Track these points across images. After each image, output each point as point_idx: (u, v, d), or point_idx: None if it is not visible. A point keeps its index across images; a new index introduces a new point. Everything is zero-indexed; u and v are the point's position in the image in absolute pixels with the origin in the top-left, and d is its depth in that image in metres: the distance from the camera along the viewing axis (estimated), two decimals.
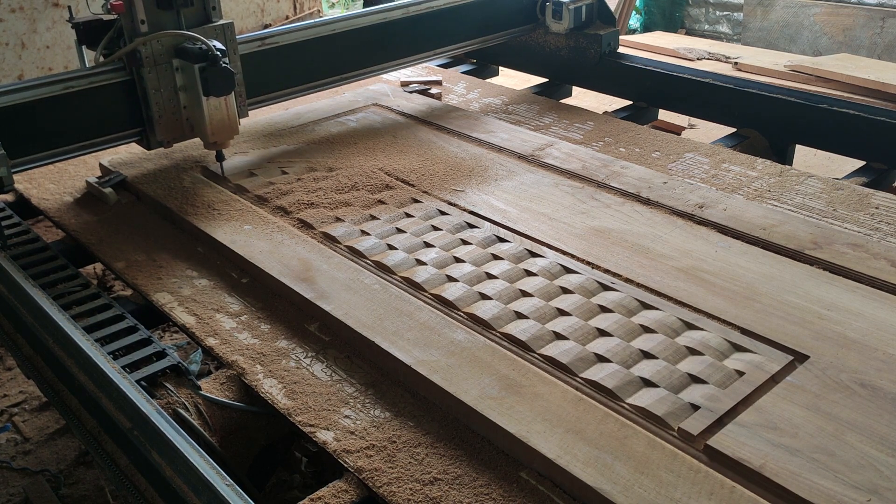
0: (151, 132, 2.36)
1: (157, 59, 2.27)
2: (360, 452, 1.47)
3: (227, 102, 2.32)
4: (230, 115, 2.34)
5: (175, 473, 1.33)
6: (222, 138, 2.36)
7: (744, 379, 1.54)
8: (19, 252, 2.15)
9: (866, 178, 2.52)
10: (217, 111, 2.31)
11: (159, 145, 2.39)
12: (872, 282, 1.84)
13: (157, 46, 2.26)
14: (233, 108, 2.34)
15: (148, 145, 2.40)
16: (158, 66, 2.28)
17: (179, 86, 2.32)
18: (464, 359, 1.63)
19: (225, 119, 2.33)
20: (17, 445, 2.84)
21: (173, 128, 2.37)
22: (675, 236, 2.06)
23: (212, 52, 2.20)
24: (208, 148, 2.41)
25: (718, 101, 2.90)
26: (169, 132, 2.37)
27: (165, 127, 2.36)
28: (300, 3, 5.90)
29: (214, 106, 2.30)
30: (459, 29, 3.11)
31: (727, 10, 7.06)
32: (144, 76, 2.27)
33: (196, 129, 2.37)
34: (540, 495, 1.37)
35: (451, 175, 2.44)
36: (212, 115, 2.30)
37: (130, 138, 2.39)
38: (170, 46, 2.28)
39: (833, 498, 1.28)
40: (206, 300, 1.95)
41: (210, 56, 2.20)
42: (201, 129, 2.33)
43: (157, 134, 2.36)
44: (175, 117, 2.36)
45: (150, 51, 2.26)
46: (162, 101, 2.32)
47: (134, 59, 2.26)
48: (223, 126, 2.34)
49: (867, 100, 4.12)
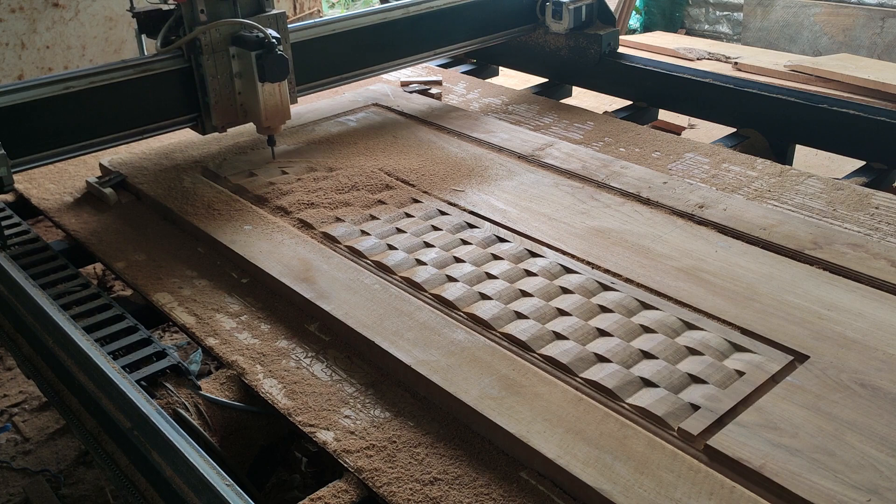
0: (207, 117, 2.46)
1: (216, 46, 2.38)
2: (360, 452, 1.47)
3: (281, 89, 2.41)
4: (283, 100, 2.43)
5: (175, 473, 1.32)
6: (275, 123, 2.45)
7: (744, 379, 1.54)
8: (19, 252, 2.15)
9: (866, 178, 2.52)
10: (271, 97, 2.40)
11: (214, 130, 2.49)
12: (872, 282, 1.84)
13: (215, 35, 2.36)
14: (286, 94, 2.43)
15: (203, 130, 2.50)
16: (216, 53, 2.38)
17: (235, 72, 2.42)
18: (464, 359, 1.63)
19: (278, 104, 2.42)
20: (17, 445, 2.84)
21: (228, 113, 2.47)
22: (675, 236, 2.06)
23: (268, 39, 2.29)
24: (261, 132, 2.49)
25: (718, 101, 2.89)
26: (224, 117, 2.47)
27: (221, 112, 2.45)
28: (300, 3, 5.90)
29: (269, 92, 2.39)
30: (459, 29, 3.11)
31: (727, 10, 7.06)
32: (203, 63, 2.37)
33: (250, 114, 2.46)
34: (540, 495, 1.37)
35: (451, 175, 2.44)
36: (266, 101, 2.39)
37: (185, 124, 2.49)
38: (227, 35, 2.38)
39: (833, 498, 1.28)
40: (206, 300, 1.95)
41: (267, 44, 2.29)
42: (255, 114, 2.42)
43: (214, 119, 2.45)
44: (230, 103, 2.45)
45: (209, 39, 2.35)
46: (219, 88, 2.42)
47: (193, 47, 2.35)
48: (276, 111, 2.43)
49: (867, 100, 4.12)
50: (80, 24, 4.77)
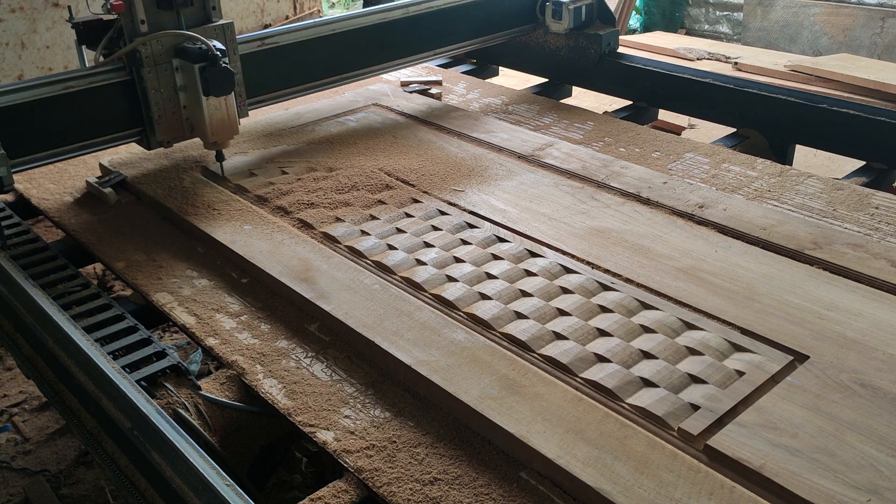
0: (151, 132, 2.36)
1: (157, 58, 2.27)
2: (360, 452, 1.47)
3: (227, 102, 2.32)
4: (230, 114, 2.34)
5: (175, 473, 1.33)
6: (222, 138, 2.36)
7: (744, 379, 1.54)
8: (19, 252, 2.15)
9: (866, 178, 2.52)
10: (217, 111, 2.31)
11: (159, 145, 2.39)
12: (872, 282, 1.84)
13: (156, 46, 2.26)
14: (233, 108, 2.34)
15: (148, 145, 2.40)
16: (158, 65, 2.28)
17: (179, 85, 2.32)
18: (464, 359, 1.63)
19: (225, 119, 2.33)
20: (17, 445, 2.84)
21: (173, 128, 2.37)
22: (675, 236, 2.06)
23: (212, 51, 2.20)
24: (208, 148, 2.41)
25: (718, 101, 2.89)
26: (169, 132, 2.37)
27: (165, 127, 2.35)
28: (300, 3, 5.90)
29: (214, 106, 2.30)
30: (459, 29, 3.11)
31: (727, 10, 7.06)
32: (144, 76, 2.27)
33: (196, 129, 2.37)
34: (540, 495, 1.37)
35: (451, 175, 2.44)
36: (212, 115, 2.30)
37: (130, 138, 2.39)
38: (169, 46, 2.28)
39: (833, 498, 1.28)
40: (206, 300, 1.95)
41: (210, 56, 2.20)
42: (201, 129, 2.33)
43: (158, 134, 2.35)
44: (175, 117, 2.36)
45: (149, 51, 2.25)
46: (162, 101, 2.32)
47: (133, 59, 2.26)
48: (223, 126, 2.34)
49: (867, 100, 4.12)
50: None
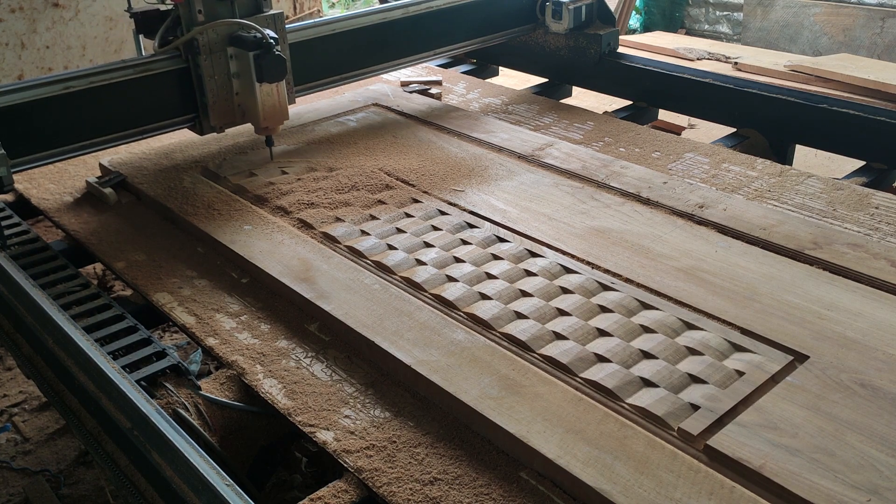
0: (205, 118, 2.45)
1: (213, 47, 2.37)
2: (360, 452, 1.47)
3: (279, 89, 2.41)
4: (281, 101, 2.43)
5: (175, 473, 1.33)
6: (273, 123, 2.45)
7: (744, 379, 1.54)
8: (19, 252, 2.15)
9: (866, 178, 2.52)
10: (269, 97, 2.40)
11: (212, 130, 2.49)
12: (872, 282, 1.84)
13: (213, 35, 2.35)
14: (283, 95, 2.43)
15: (201, 130, 2.49)
16: (213, 53, 2.37)
17: (233, 73, 2.41)
18: (464, 359, 1.63)
19: (276, 105, 2.42)
20: (17, 445, 2.84)
21: (226, 113, 2.46)
22: (675, 236, 2.06)
23: (266, 39, 2.29)
24: (259, 133, 2.49)
25: (718, 101, 2.89)
26: (222, 118, 2.46)
27: (219, 113, 2.44)
28: (300, 3, 5.90)
29: (267, 92, 2.38)
30: (459, 29, 3.11)
31: (727, 10, 7.06)
32: (200, 63, 2.36)
33: (248, 114, 2.45)
34: (540, 495, 1.37)
35: (451, 175, 2.44)
36: (264, 101, 2.39)
37: (184, 124, 2.48)
38: (224, 35, 2.37)
39: (833, 498, 1.28)
40: (206, 300, 1.95)
41: (264, 44, 2.29)
42: (253, 114, 2.41)
43: (211, 119, 2.44)
44: (227, 104, 2.45)
45: (206, 39, 2.35)
46: (216, 88, 2.41)
47: (191, 47, 2.34)
48: (274, 111, 2.43)
49: (867, 100, 4.12)
50: (80, 24, 4.77)
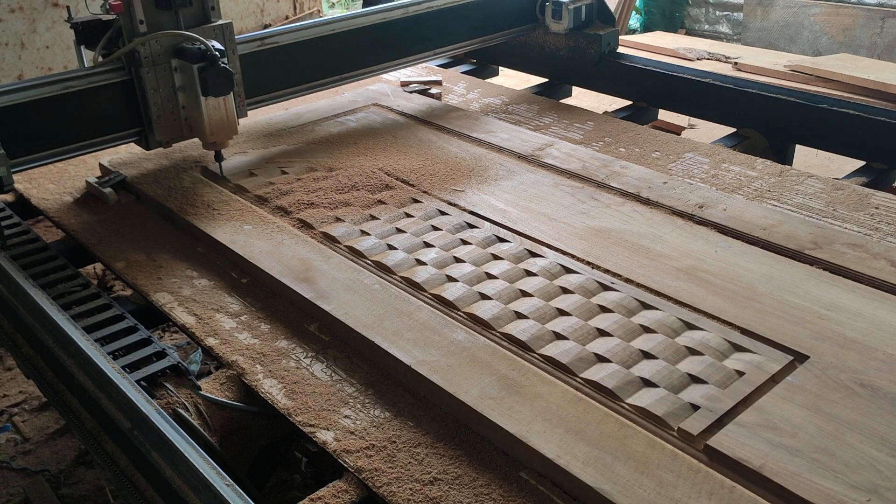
0: (150, 132, 2.36)
1: (156, 59, 2.28)
2: (360, 452, 1.47)
3: (226, 102, 2.32)
4: (229, 115, 2.34)
5: (175, 473, 1.33)
6: (221, 138, 2.37)
7: (744, 379, 1.54)
8: (19, 252, 2.15)
9: (866, 178, 2.52)
10: (216, 111, 2.31)
11: (158, 145, 2.39)
12: (872, 282, 1.84)
13: (155, 46, 2.26)
14: (231, 109, 2.34)
15: (147, 145, 2.40)
16: (157, 66, 2.28)
17: (178, 86, 2.32)
18: (464, 359, 1.63)
19: (224, 119, 2.33)
20: (17, 445, 2.84)
21: (172, 128, 2.37)
22: (675, 236, 2.06)
23: (210, 52, 2.20)
24: (207, 148, 2.41)
25: (718, 101, 2.90)
26: (168, 132, 2.37)
27: (164, 127, 2.36)
28: (300, 3, 5.90)
29: (213, 106, 2.30)
30: (459, 29, 3.11)
31: (727, 10, 7.06)
32: (143, 76, 2.27)
33: (195, 129, 2.37)
34: (540, 495, 1.37)
35: (451, 175, 2.44)
36: (210, 116, 2.30)
37: (129, 138, 2.39)
38: (168, 46, 2.28)
39: (833, 498, 1.28)
40: (206, 300, 1.95)
41: (209, 56, 2.20)
42: (200, 129, 2.33)
43: (156, 134, 2.35)
44: (174, 117, 2.36)
45: (148, 51, 2.26)
46: (160, 101, 2.32)
47: (132, 59, 2.25)
48: (222, 126, 2.34)
49: (867, 100, 4.11)
50: None
